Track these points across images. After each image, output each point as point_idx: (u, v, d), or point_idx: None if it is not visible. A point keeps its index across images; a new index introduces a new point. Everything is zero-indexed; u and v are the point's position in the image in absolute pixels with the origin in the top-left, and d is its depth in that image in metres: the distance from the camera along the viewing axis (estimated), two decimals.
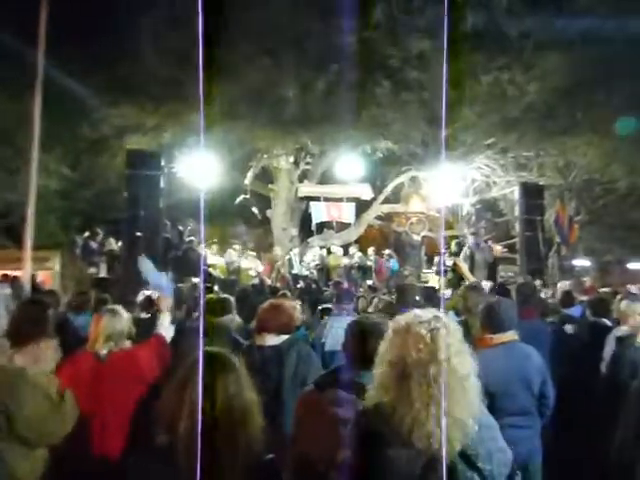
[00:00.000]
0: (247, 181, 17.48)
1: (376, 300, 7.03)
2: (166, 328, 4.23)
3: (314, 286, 12.15)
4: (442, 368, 1.76)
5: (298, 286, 13.18)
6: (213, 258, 15.61)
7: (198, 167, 13.15)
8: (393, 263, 16.96)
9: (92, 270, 14.80)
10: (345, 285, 10.95)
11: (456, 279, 12.45)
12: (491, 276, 13.62)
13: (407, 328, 1.85)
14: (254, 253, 17.20)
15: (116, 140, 15.04)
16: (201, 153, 12.92)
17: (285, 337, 3.91)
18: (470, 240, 15.69)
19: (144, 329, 4.48)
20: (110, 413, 3.58)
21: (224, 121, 13.16)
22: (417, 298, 6.20)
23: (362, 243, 19.21)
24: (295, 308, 4.29)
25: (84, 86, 14.26)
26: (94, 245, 15.50)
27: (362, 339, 2.73)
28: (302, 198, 18.07)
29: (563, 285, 8.11)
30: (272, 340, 3.89)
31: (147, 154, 11.59)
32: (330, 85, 14.64)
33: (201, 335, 2.38)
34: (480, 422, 1.84)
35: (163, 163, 11.26)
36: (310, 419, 2.76)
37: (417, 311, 1.91)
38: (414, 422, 1.74)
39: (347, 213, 17.91)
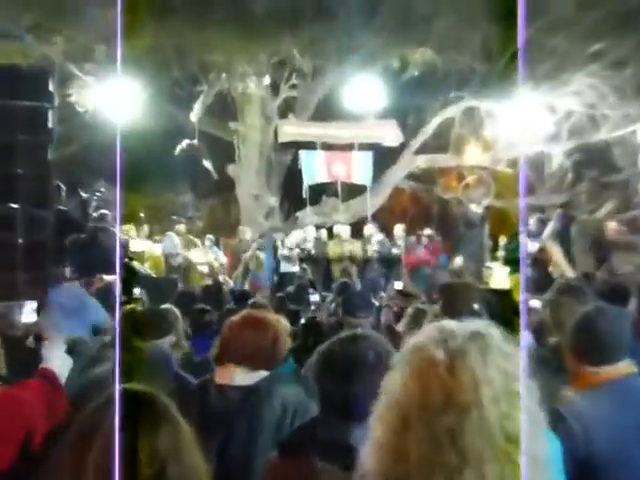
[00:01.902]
0: (193, 117, 17.57)
1: (410, 311, 7.06)
2: (59, 359, 4.25)
3: (309, 290, 12.19)
4: (466, 416, 1.67)
5: (279, 292, 13.20)
6: (140, 244, 15.64)
7: (112, 95, 13.12)
8: None
9: None
10: (357, 287, 10.98)
11: (540, 276, 12.51)
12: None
13: (419, 353, 1.79)
14: (211, 237, 17.17)
15: None
16: (117, 73, 12.89)
17: (264, 373, 3.92)
18: (560, 213, 15.69)
19: (24, 362, 4.51)
20: None
21: (154, 19, 13.12)
22: (475, 307, 6.22)
23: (386, 218, 19.27)
24: (283, 326, 4.29)
25: None
26: None
27: (343, 371, 2.78)
28: (285, 145, 18.17)
29: None
30: (243, 378, 3.90)
31: (26, 73, 11.53)
32: None
33: (117, 366, 2.38)
34: None
35: (52, 88, 11.16)
36: None
37: (444, 323, 1.87)
38: None
39: (360, 169, 17.99)
